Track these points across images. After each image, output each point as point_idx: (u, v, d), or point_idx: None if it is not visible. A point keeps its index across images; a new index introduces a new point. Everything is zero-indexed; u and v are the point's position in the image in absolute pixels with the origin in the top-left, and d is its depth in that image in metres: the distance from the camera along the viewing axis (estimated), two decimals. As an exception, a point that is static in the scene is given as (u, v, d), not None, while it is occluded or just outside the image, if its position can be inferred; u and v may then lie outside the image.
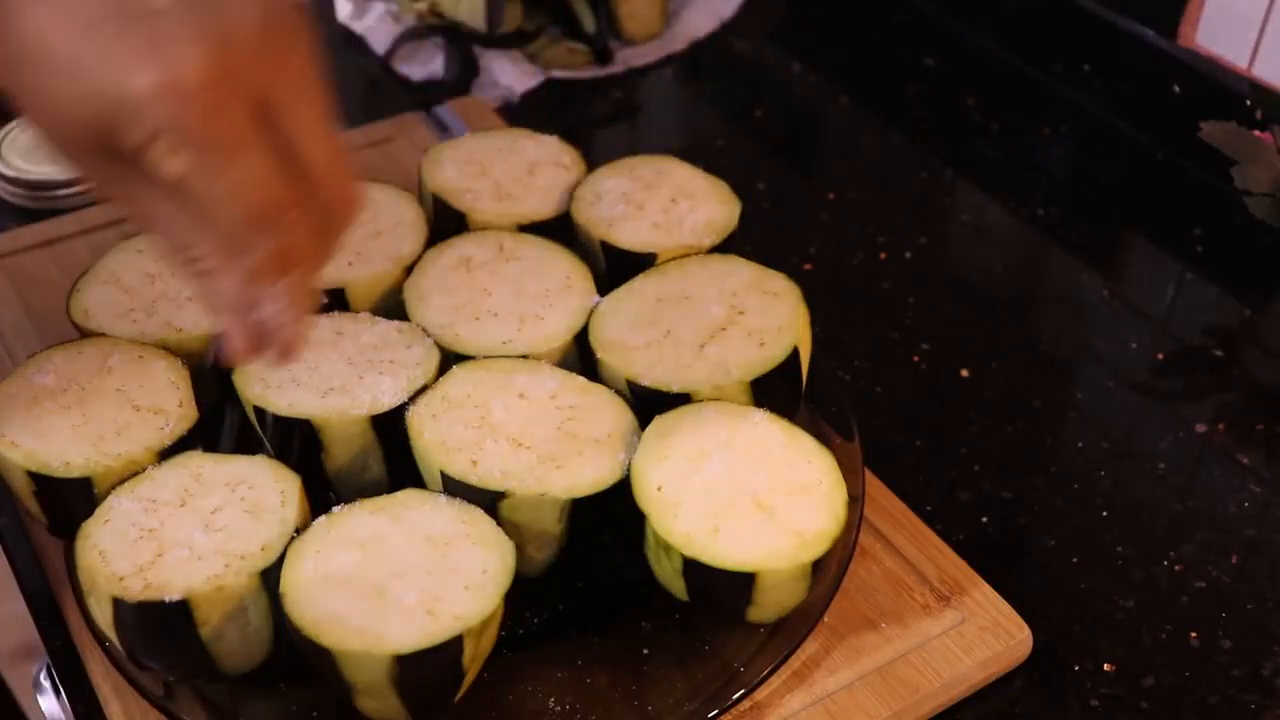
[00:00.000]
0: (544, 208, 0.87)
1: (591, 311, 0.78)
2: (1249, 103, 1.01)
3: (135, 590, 0.63)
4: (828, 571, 0.69)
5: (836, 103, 1.22)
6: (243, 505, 0.67)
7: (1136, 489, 0.84)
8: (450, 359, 0.75)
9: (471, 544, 0.65)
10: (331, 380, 0.73)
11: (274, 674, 0.67)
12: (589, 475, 0.69)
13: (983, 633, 0.71)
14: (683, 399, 0.72)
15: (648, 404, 0.72)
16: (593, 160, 0.91)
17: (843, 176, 1.12)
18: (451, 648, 0.61)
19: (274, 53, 0.49)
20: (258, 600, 0.64)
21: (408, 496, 0.68)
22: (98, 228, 0.97)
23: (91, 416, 0.71)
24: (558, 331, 0.77)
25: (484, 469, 0.68)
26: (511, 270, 0.81)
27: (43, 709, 0.85)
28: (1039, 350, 0.95)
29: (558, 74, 1.21)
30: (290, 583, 0.63)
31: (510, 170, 0.89)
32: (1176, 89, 1.10)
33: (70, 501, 0.69)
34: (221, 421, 0.78)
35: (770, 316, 0.76)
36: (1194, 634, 0.75)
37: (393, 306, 0.80)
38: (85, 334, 0.77)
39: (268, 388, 0.73)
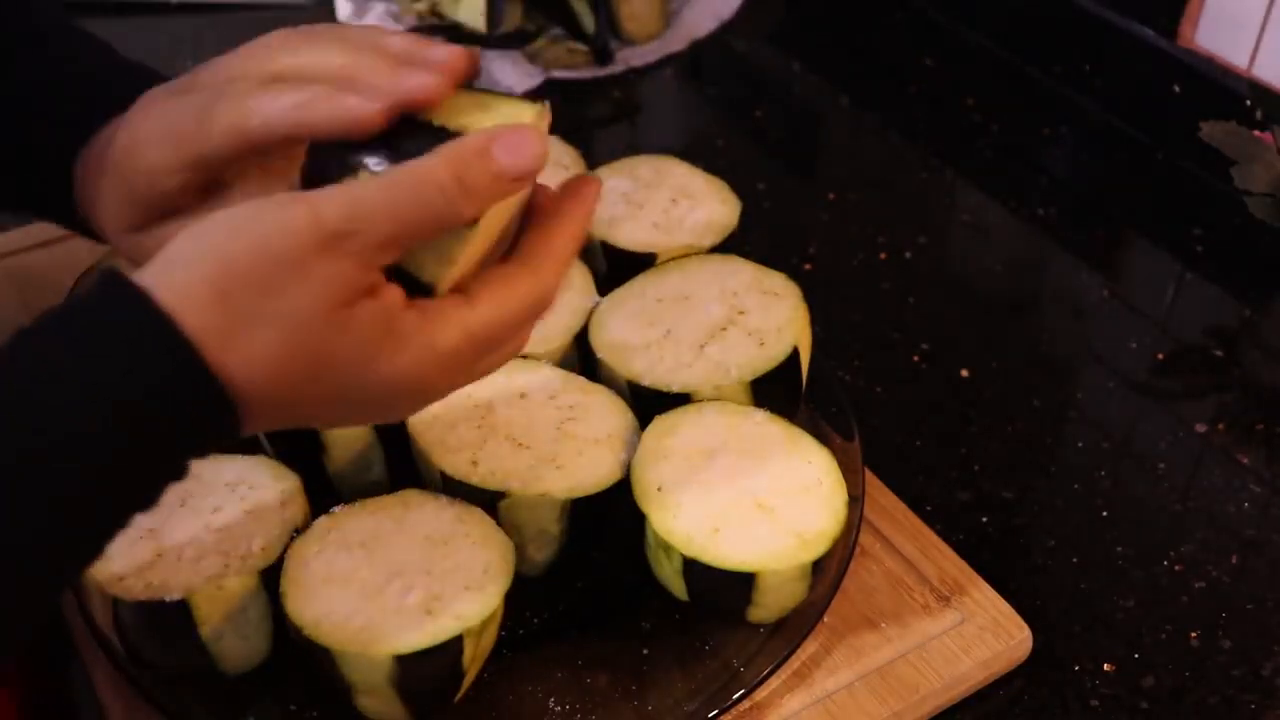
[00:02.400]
0: (544, 208, 0.87)
1: (591, 311, 0.78)
2: (1249, 103, 1.01)
3: (135, 590, 0.63)
4: (828, 571, 0.69)
5: (836, 103, 1.22)
6: (243, 505, 0.67)
7: (1136, 489, 0.84)
8: (450, 359, 0.75)
9: (471, 544, 0.65)
10: (331, 380, 0.73)
11: (274, 674, 0.67)
12: (589, 475, 0.69)
13: (983, 633, 0.71)
14: (683, 399, 0.72)
15: (648, 404, 0.72)
16: (593, 160, 0.91)
17: (843, 176, 1.12)
18: (451, 648, 0.61)
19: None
20: (258, 600, 0.64)
21: (408, 496, 0.68)
22: (98, 228, 0.97)
23: None
24: (558, 331, 0.77)
25: (484, 469, 0.68)
26: (511, 270, 0.81)
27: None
28: (1039, 350, 0.95)
29: (558, 74, 1.21)
30: (290, 582, 0.63)
31: (510, 170, 0.89)
32: (1176, 89, 1.10)
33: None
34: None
35: (770, 316, 0.76)
36: (1194, 634, 0.75)
37: (393, 306, 0.80)
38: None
39: (268, 388, 0.73)
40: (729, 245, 0.83)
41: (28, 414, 0.46)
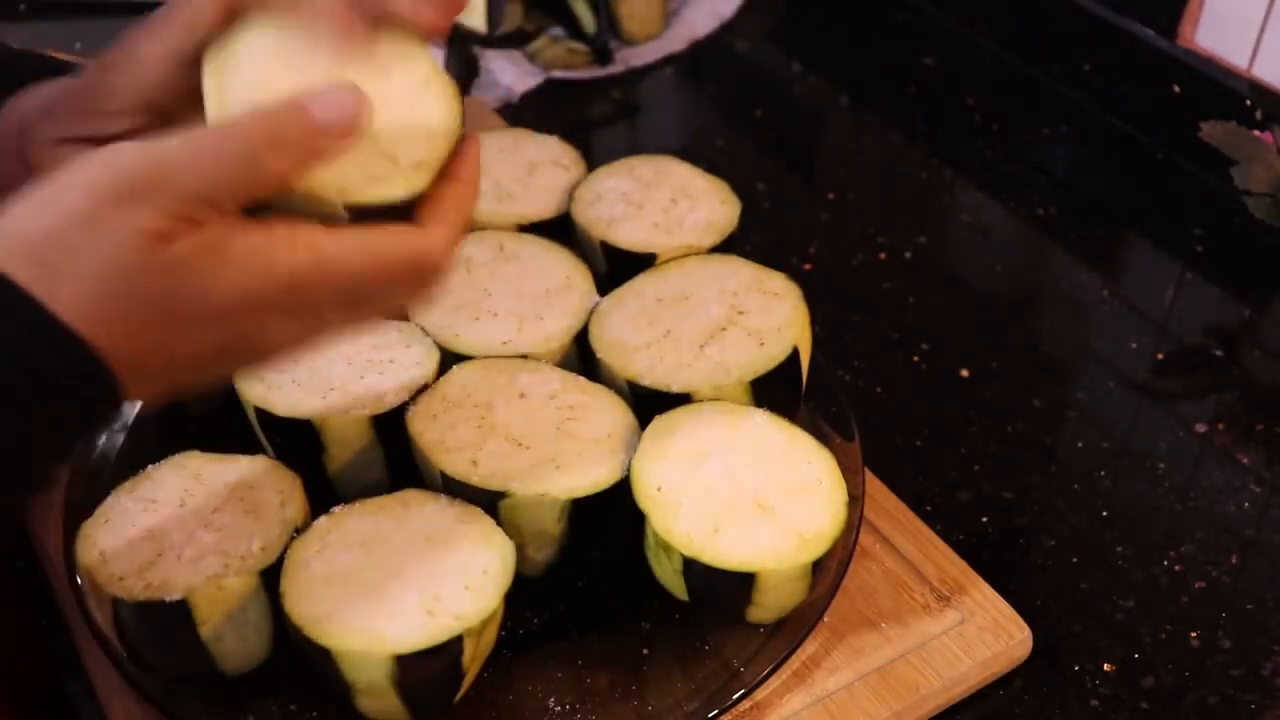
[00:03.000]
0: (544, 208, 0.87)
1: (591, 311, 0.78)
2: (1249, 103, 1.01)
3: (135, 590, 0.63)
4: (828, 571, 0.69)
5: (836, 103, 1.22)
6: (243, 505, 0.67)
7: (1136, 489, 0.84)
8: (450, 359, 0.75)
9: (472, 544, 0.65)
10: (331, 381, 0.73)
11: (274, 674, 0.67)
12: (589, 475, 0.69)
13: (983, 633, 0.71)
14: (683, 399, 0.72)
15: (648, 404, 0.72)
16: (593, 160, 0.91)
17: (843, 176, 1.12)
18: (451, 648, 0.61)
19: None
20: (257, 600, 0.64)
21: (408, 496, 0.68)
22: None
23: None
24: (558, 331, 0.77)
25: (484, 469, 0.68)
26: (511, 270, 0.81)
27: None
28: (1039, 350, 0.95)
29: (558, 74, 1.21)
30: (290, 582, 0.63)
31: (510, 170, 0.89)
32: (1176, 89, 1.10)
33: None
34: (223, 422, 0.78)
35: (770, 316, 0.76)
36: (1194, 634, 0.75)
37: (393, 306, 0.80)
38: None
39: (268, 389, 0.73)
40: (729, 245, 0.83)
41: None
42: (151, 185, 0.49)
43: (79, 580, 0.66)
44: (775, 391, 0.74)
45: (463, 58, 1.20)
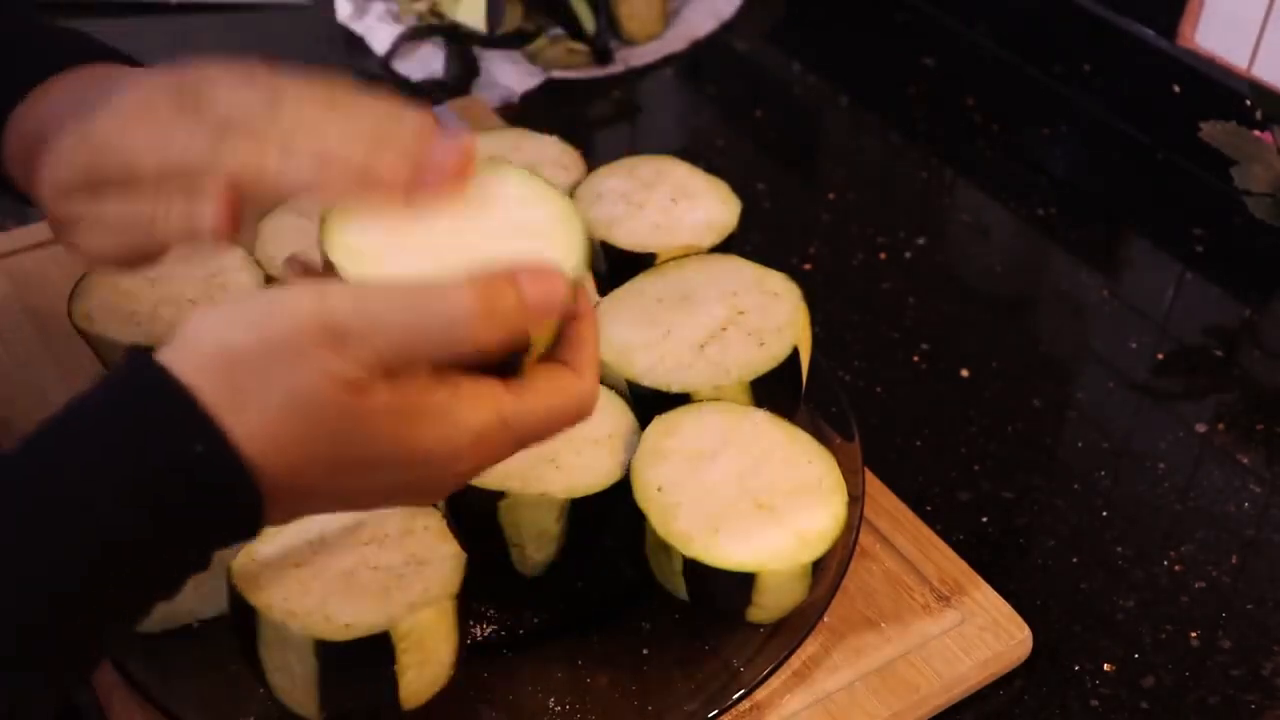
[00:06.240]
0: (544, 208, 0.87)
1: (591, 311, 0.78)
2: (1249, 103, 1.01)
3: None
4: (828, 571, 0.69)
5: (836, 103, 1.22)
6: None
7: (1136, 489, 0.84)
8: (450, 359, 0.75)
9: (425, 547, 0.64)
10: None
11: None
12: (588, 475, 0.69)
13: (983, 633, 0.71)
14: (683, 399, 0.72)
15: (648, 404, 0.72)
16: (593, 160, 0.91)
17: (843, 176, 1.12)
18: (376, 643, 0.59)
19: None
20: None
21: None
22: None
23: None
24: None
25: (484, 469, 0.68)
26: (511, 270, 0.81)
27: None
28: (1039, 350, 0.95)
29: (558, 74, 1.21)
30: (240, 565, 0.62)
31: (510, 170, 0.89)
32: (1176, 89, 1.10)
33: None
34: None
35: (770, 316, 0.76)
36: (1194, 634, 0.75)
37: (393, 306, 0.80)
38: (88, 338, 0.77)
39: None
40: (729, 245, 0.83)
41: (51, 504, 0.47)
42: (359, 335, 0.48)
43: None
44: (775, 391, 0.74)
45: (462, 58, 1.20)
